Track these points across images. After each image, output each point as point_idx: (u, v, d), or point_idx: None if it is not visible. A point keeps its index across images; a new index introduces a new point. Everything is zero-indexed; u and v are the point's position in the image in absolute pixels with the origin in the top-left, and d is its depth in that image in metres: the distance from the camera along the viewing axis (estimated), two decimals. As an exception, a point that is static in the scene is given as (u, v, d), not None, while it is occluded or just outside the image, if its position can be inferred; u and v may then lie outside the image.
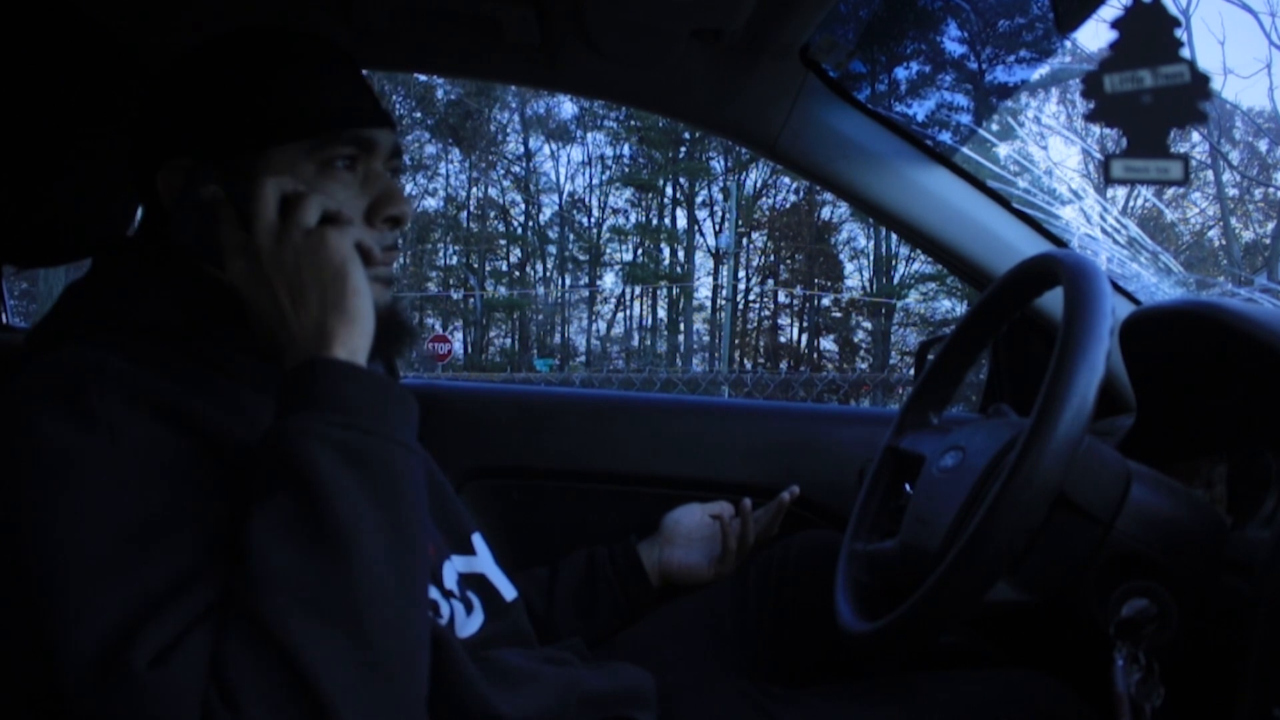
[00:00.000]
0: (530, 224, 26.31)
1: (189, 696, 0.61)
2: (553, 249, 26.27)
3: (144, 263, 0.90)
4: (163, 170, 0.87)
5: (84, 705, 0.61)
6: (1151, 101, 0.57)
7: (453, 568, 0.98)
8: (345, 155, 0.88)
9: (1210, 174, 18.08)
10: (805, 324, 23.75)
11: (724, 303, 21.65)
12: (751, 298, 24.00)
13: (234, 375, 0.85)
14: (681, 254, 24.72)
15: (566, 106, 24.05)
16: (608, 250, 25.88)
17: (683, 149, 23.34)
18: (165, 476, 0.72)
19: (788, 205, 23.65)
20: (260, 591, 0.64)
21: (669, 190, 24.42)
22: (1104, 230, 1.95)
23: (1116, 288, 1.38)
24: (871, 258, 22.83)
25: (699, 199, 24.07)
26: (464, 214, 26.52)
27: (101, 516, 0.68)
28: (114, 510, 0.68)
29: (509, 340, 26.47)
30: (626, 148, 24.84)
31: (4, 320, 1.00)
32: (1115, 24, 0.58)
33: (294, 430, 0.70)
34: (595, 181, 25.38)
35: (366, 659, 0.65)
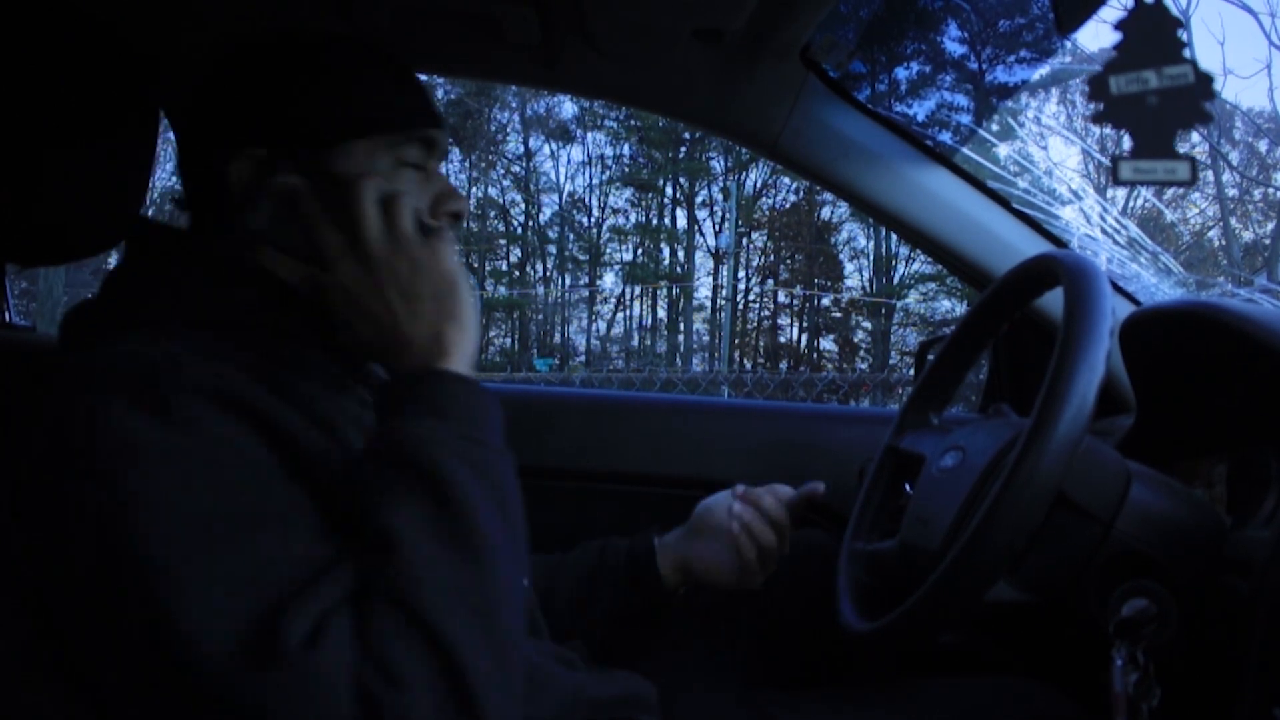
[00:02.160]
0: (530, 224, 26.30)
1: (343, 677, 0.63)
2: (553, 249, 26.25)
3: (197, 254, 0.89)
4: (236, 159, 0.87)
5: (236, 690, 0.62)
6: (1157, 102, 0.57)
7: None
8: (414, 156, 0.91)
9: (1210, 174, 18.08)
10: (805, 324, 23.75)
11: (724, 302, 21.63)
12: (751, 298, 23.99)
13: (297, 369, 0.84)
14: (681, 254, 24.73)
15: (567, 106, 24.02)
16: (607, 250, 25.87)
17: (683, 149, 23.33)
18: (244, 471, 0.72)
19: (788, 205, 23.65)
20: (411, 584, 0.67)
21: (669, 190, 24.42)
22: (1104, 230, 1.95)
23: (1116, 288, 1.38)
24: (871, 258, 22.83)
25: (699, 199, 24.07)
26: (464, 213, 26.38)
27: (203, 510, 0.68)
28: (208, 503, 0.68)
29: (509, 340, 26.46)
30: (626, 147, 24.82)
31: (7, 319, 0.99)
32: (1118, 25, 0.58)
33: (426, 437, 0.74)
34: (595, 181, 25.37)
35: (498, 654, 0.68)
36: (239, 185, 0.87)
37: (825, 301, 23.56)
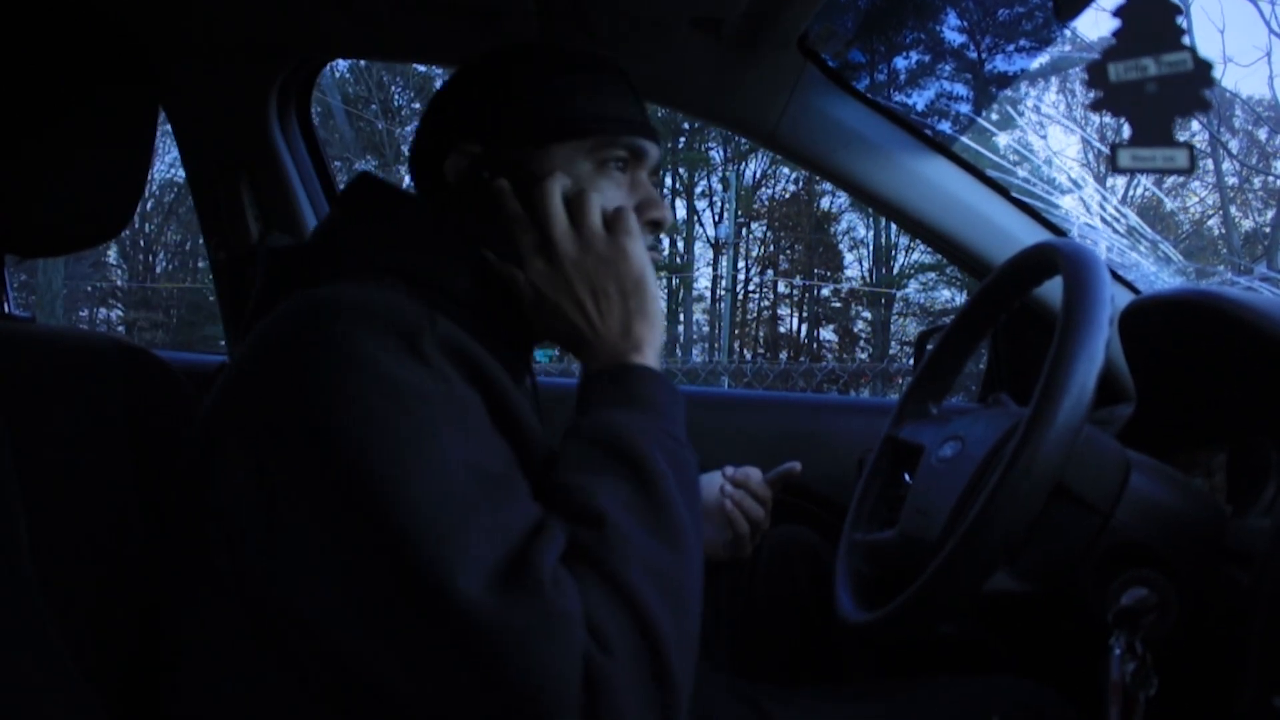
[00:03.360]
0: (529, 215, 26.17)
1: (580, 624, 0.65)
2: (552, 240, 26.16)
3: (431, 226, 0.91)
4: (453, 153, 0.92)
5: (489, 617, 0.63)
6: (1155, 90, 0.57)
7: None
8: (619, 159, 0.94)
9: (1210, 162, 18.04)
10: (805, 314, 23.72)
11: (723, 293, 21.64)
12: (751, 288, 23.97)
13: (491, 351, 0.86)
14: (681, 244, 24.68)
15: (565, 97, 23.92)
16: (607, 241, 25.78)
17: (681, 139, 23.27)
18: (483, 427, 0.75)
19: (787, 195, 23.60)
20: (620, 559, 0.69)
21: (668, 180, 24.37)
22: (1103, 219, 1.95)
23: (1116, 277, 1.38)
24: (871, 248, 22.80)
25: (698, 189, 24.02)
26: (463, 205, 26.33)
27: (462, 456, 0.70)
28: (469, 452, 0.70)
29: (508, 331, 26.38)
30: (625, 138, 24.73)
31: (6, 310, 0.99)
32: (1116, 12, 0.58)
33: (631, 428, 0.78)
34: (594, 172, 25.28)
35: (686, 633, 0.71)
36: (454, 177, 0.93)
37: (825, 292, 23.53)
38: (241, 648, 0.74)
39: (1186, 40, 0.57)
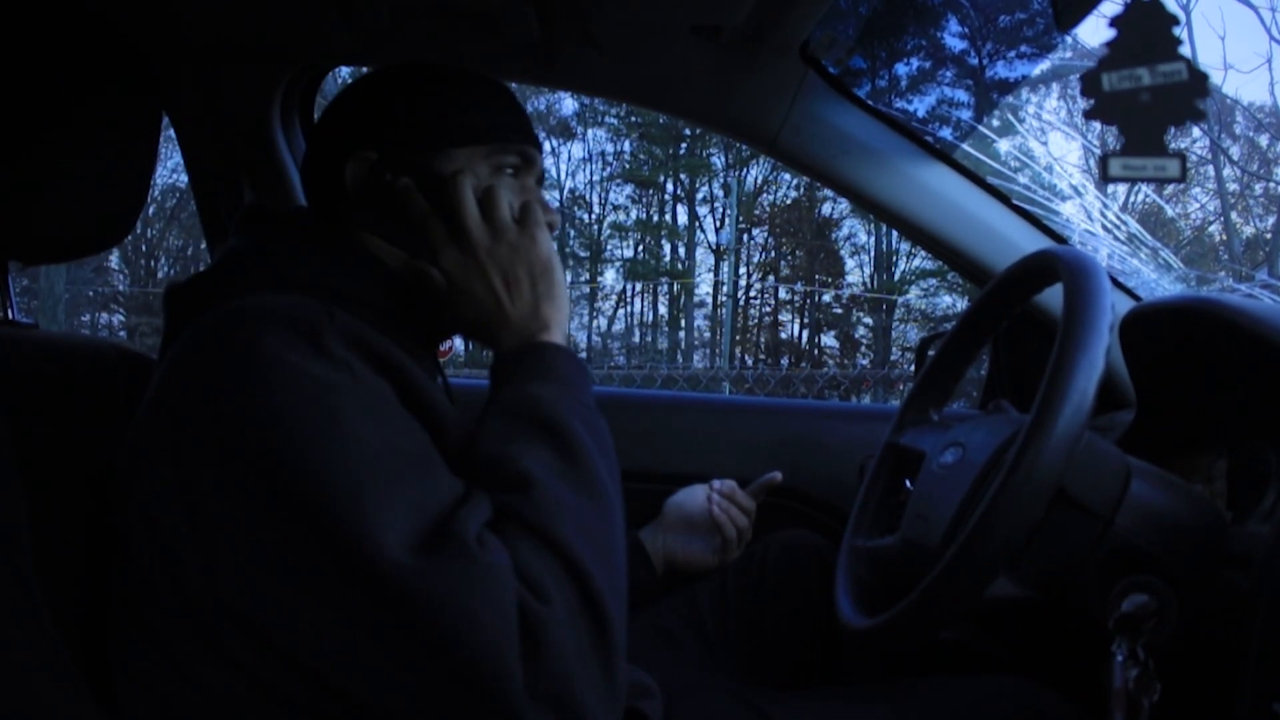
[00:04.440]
0: (531, 220, 26.14)
1: (510, 577, 0.69)
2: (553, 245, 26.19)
3: (312, 233, 0.96)
4: (352, 160, 0.96)
5: (417, 580, 0.66)
6: (1149, 99, 0.57)
7: None
8: (512, 165, 0.99)
9: (1210, 169, 18.03)
10: (806, 320, 23.73)
11: (725, 299, 21.63)
12: (752, 294, 23.97)
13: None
14: (682, 250, 24.69)
15: (567, 103, 23.98)
16: (608, 246, 25.84)
17: (683, 145, 23.30)
18: (392, 410, 0.77)
19: (788, 201, 23.62)
20: (549, 517, 0.74)
21: (670, 186, 24.38)
22: (1104, 226, 1.95)
23: (1116, 284, 1.38)
24: (872, 254, 22.81)
25: (700, 195, 24.04)
26: (464, 210, 26.28)
27: (377, 437, 0.73)
28: (383, 433, 0.73)
29: (510, 337, 26.30)
30: (627, 144, 24.77)
31: (10, 316, 0.99)
32: (1114, 22, 0.58)
33: (549, 399, 0.83)
34: (596, 178, 25.32)
35: (617, 583, 0.75)
36: (353, 183, 0.96)
37: (826, 297, 23.54)
38: (185, 652, 0.76)
39: (1183, 50, 0.57)
